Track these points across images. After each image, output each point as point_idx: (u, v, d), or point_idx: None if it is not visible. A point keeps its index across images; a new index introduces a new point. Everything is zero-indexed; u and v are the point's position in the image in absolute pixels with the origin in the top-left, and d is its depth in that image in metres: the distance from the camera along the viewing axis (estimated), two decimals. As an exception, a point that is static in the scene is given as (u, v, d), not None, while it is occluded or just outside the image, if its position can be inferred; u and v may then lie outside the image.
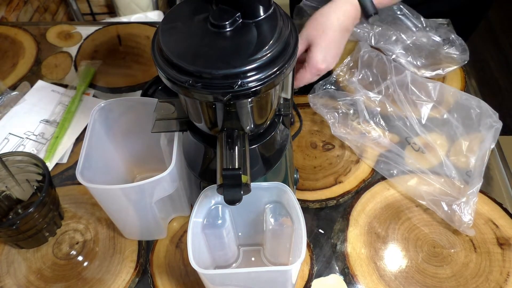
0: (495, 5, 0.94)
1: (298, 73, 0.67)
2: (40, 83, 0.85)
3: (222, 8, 0.40)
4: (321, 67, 0.65)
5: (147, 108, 0.55)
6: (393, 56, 0.81)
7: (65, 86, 0.84)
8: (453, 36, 0.82)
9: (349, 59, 0.82)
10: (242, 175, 0.40)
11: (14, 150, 0.73)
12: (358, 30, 0.84)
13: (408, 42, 0.82)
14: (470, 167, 0.67)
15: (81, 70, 0.86)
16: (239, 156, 0.42)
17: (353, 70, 0.80)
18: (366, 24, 0.84)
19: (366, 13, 0.66)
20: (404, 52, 0.81)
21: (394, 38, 0.82)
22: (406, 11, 0.83)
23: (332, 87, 0.79)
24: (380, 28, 0.83)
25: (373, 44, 0.82)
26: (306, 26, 0.67)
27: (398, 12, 0.84)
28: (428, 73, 0.80)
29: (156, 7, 1.75)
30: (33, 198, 0.65)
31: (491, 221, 0.64)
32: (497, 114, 0.68)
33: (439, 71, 0.80)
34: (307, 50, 0.66)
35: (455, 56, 0.81)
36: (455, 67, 0.81)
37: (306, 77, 0.67)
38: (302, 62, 0.67)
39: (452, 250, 0.61)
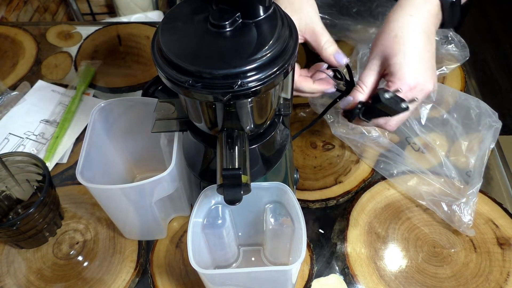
0: (495, 5, 0.94)
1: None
2: (40, 83, 0.85)
3: (222, 8, 0.40)
4: (412, 82, 0.49)
5: (147, 108, 0.55)
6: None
7: (65, 86, 0.84)
8: (451, 33, 0.82)
9: (348, 60, 0.81)
10: (242, 175, 0.40)
11: (14, 150, 0.73)
12: (356, 34, 0.84)
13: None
14: (470, 167, 0.67)
15: (81, 70, 0.86)
16: (239, 156, 0.42)
17: (353, 71, 0.80)
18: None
19: (446, 1, 0.51)
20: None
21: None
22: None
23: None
24: (377, 29, 0.83)
25: (371, 45, 0.82)
26: (373, 44, 0.53)
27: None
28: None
29: (156, 7, 1.75)
30: (33, 198, 0.65)
31: (491, 221, 0.64)
32: (497, 114, 0.68)
33: (443, 69, 0.80)
34: (385, 71, 0.52)
35: (455, 53, 0.81)
36: (457, 64, 0.80)
37: None
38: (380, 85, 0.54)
39: (452, 250, 0.61)
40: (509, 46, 1.91)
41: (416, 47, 0.50)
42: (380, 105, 0.50)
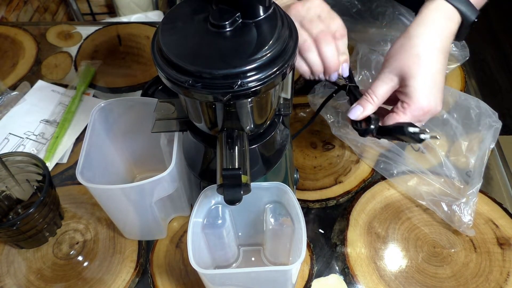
0: (495, 5, 0.94)
1: (390, 117, 0.52)
2: (40, 83, 0.85)
3: (222, 8, 0.40)
4: (426, 106, 0.50)
5: (147, 108, 0.55)
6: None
7: (65, 86, 0.84)
8: None
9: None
10: (242, 175, 0.40)
11: (14, 150, 0.73)
12: (356, 34, 0.84)
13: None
14: (470, 167, 0.67)
15: (81, 70, 0.86)
16: (239, 156, 0.42)
17: (352, 71, 0.80)
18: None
19: (468, 20, 0.52)
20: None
21: (391, 39, 0.81)
22: (404, 11, 0.83)
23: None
24: (377, 30, 0.83)
25: (371, 46, 0.82)
26: (390, 56, 0.52)
27: (396, 13, 0.84)
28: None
29: (156, 7, 1.75)
30: (33, 198, 0.65)
31: (491, 221, 0.64)
32: (497, 113, 0.68)
33: None
34: (399, 88, 0.52)
35: (455, 53, 0.81)
36: (457, 64, 0.80)
37: (404, 121, 0.51)
38: (393, 102, 0.53)
39: (452, 250, 0.61)
40: (509, 46, 1.91)
41: (434, 69, 0.50)
42: (401, 136, 0.51)
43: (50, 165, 0.72)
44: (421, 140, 0.49)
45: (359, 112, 0.53)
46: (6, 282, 0.59)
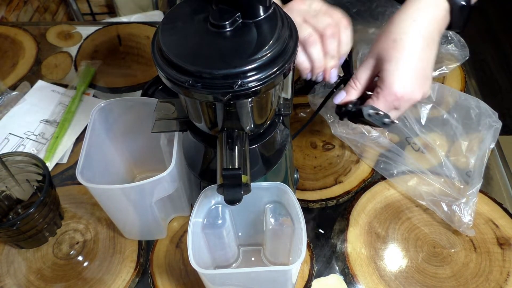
0: (495, 5, 0.94)
1: (365, 104, 0.51)
2: (40, 83, 0.85)
3: (222, 8, 0.40)
4: (399, 92, 0.48)
5: (147, 108, 0.55)
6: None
7: (65, 86, 0.84)
8: (450, 33, 0.82)
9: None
10: (242, 175, 0.40)
11: (14, 150, 0.73)
12: (356, 34, 0.84)
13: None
14: (470, 167, 0.67)
15: (81, 70, 0.86)
16: (239, 156, 0.42)
17: (352, 63, 0.80)
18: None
19: (456, 4, 0.50)
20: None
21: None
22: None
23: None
24: (377, 30, 0.83)
25: (370, 46, 0.82)
26: (373, 42, 0.52)
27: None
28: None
29: (156, 7, 1.75)
30: (33, 198, 0.65)
31: (491, 221, 0.64)
32: (497, 113, 0.68)
33: (443, 69, 0.80)
34: (378, 74, 0.51)
35: (455, 53, 0.81)
36: (457, 64, 0.80)
37: (378, 107, 0.50)
38: (371, 89, 0.53)
39: (452, 250, 0.61)
40: (509, 46, 1.91)
41: (411, 55, 0.49)
42: (363, 119, 0.51)
43: (50, 165, 0.72)
44: (384, 125, 0.49)
45: (342, 97, 0.54)
46: (6, 282, 0.59)
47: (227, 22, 0.39)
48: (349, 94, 0.54)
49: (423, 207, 0.65)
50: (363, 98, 0.55)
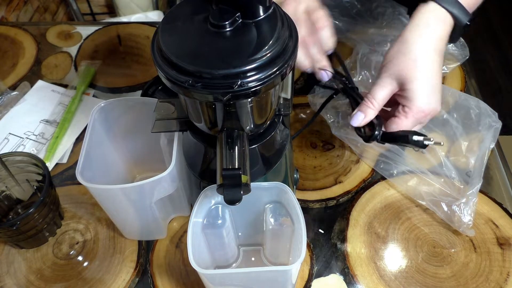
0: (495, 5, 0.94)
1: (392, 122, 0.53)
2: (40, 83, 0.85)
3: (222, 8, 0.40)
4: (427, 108, 0.51)
5: (147, 108, 0.55)
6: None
7: (65, 86, 0.84)
8: None
9: (348, 61, 0.82)
10: (242, 175, 0.40)
11: (14, 150, 0.73)
12: (356, 35, 0.84)
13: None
14: (469, 167, 0.67)
15: (81, 70, 0.86)
16: (239, 156, 0.42)
17: (352, 71, 0.80)
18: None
19: (460, 23, 0.52)
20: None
21: (391, 39, 0.81)
22: (403, 11, 0.83)
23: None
24: (377, 30, 0.83)
25: (371, 46, 0.82)
26: (388, 61, 0.53)
27: (396, 13, 0.84)
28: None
29: (156, 7, 1.75)
30: (33, 198, 0.65)
31: (491, 221, 0.64)
32: (496, 114, 0.68)
33: (443, 69, 0.80)
34: (399, 92, 0.53)
35: (455, 53, 0.81)
36: (457, 63, 0.80)
37: (405, 125, 0.52)
38: (389, 104, 0.54)
39: (452, 250, 0.61)
40: (509, 46, 1.91)
41: (431, 72, 0.51)
42: (405, 144, 0.52)
43: (50, 165, 0.72)
44: (425, 146, 0.50)
45: (360, 118, 0.54)
46: (6, 282, 0.59)
47: (227, 22, 0.39)
48: (368, 115, 0.54)
49: (423, 207, 0.65)
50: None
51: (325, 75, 0.57)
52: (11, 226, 0.55)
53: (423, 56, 0.51)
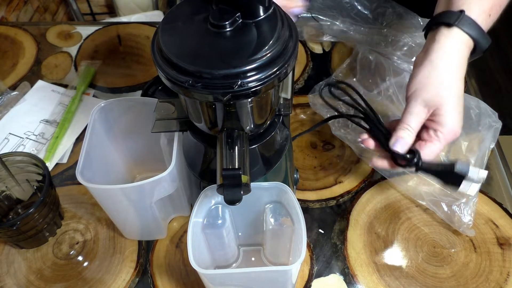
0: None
1: (426, 147, 0.54)
2: (40, 83, 0.85)
3: (222, 8, 0.40)
4: (457, 130, 0.53)
5: (147, 108, 0.55)
6: (394, 58, 0.80)
7: (65, 86, 0.84)
8: None
9: (348, 61, 0.82)
10: (242, 175, 0.40)
11: (14, 150, 0.73)
12: (356, 35, 0.84)
13: (407, 43, 0.82)
14: (470, 167, 0.67)
15: (81, 70, 0.86)
16: (239, 156, 0.42)
17: (352, 71, 0.80)
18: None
19: (481, 48, 0.55)
20: (403, 53, 0.81)
21: (391, 39, 0.82)
22: (403, 11, 0.83)
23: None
24: (377, 30, 0.83)
25: (371, 46, 0.82)
26: (418, 87, 0.54)
27: (396, 13, 0.84)
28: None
29: (156, 7, 1.75)
30: (33, 198, 0.65)
31: (491, 221, 0.64)
32: (496, 113, 0.68)
33: None
34: (430, 117, 0.54)
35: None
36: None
37: (439, 149, 0.54)
38: (424, 129, 0.55)
39: (452, 250, 0.61)
40: (509, 46, 1.91)
41: (459, 96, 0.53)
42: (450, 173, 0.53)
43: (50, 165, 0.72)
44: (480, 180, 0.53)
45: (405, 145, 0.54)
46: (6, 282, 0.59)
47: (227, 22, 0.39)
48: (409, 141, 0.54)
49: (423, 207, 0.65)
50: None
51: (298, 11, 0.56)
52: (11, 226, 0.55)
53: (455, 84, 0.53)
